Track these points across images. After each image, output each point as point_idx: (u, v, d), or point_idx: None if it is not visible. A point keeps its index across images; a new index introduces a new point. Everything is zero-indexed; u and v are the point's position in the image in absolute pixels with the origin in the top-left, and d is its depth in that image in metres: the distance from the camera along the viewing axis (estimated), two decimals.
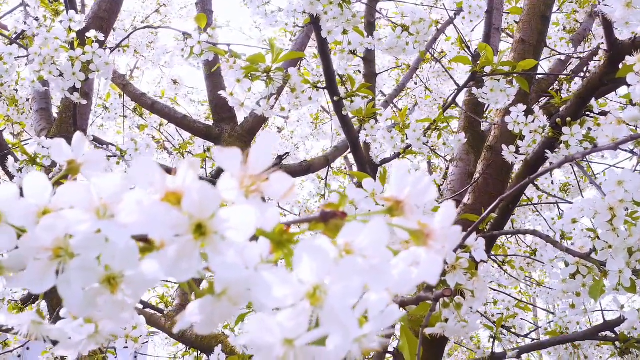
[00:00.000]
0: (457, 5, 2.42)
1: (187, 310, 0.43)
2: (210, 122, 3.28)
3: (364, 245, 0.37)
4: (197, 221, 0.35)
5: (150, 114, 3.87)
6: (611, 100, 2.83)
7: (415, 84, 4.29)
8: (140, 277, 0.40)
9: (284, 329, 0.35)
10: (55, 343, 0.51)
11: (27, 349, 2.75)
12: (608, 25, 1.49)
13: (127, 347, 1.38)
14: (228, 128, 3.16)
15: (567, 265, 1.49)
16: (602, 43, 2.39)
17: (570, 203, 2.21)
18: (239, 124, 3.21)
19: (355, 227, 0.37)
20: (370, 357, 2.90)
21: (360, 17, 1.78)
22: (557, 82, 2.69)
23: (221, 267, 0.35)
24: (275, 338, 0.36)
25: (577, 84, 2.40)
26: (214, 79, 3.24)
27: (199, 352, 3.40)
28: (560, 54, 2.59)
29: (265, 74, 1.51)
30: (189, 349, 3.53)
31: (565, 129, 1.63)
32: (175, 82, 4.53)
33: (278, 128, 4.99)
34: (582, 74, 2.67)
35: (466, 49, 2.62)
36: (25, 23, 2.22)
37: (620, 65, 1.59)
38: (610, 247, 1.32)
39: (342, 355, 0.37)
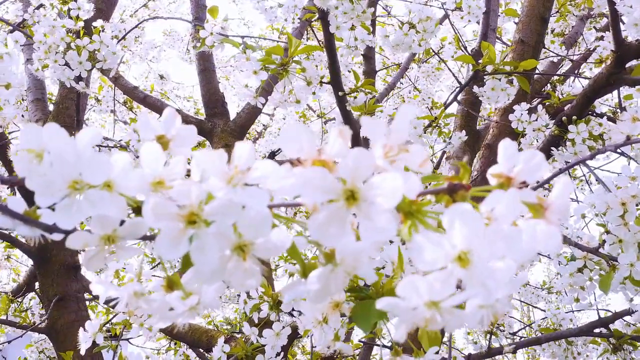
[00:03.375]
0: (457, 5, 2.44)
1: (308, 280, 0.44)
2: (202, 117, 3.27)
3: (502, 214, 0.38)
4: (351, 187, 0.36)
5: (139, 107, 3.85)
6: (601, 103, 2.88)
7: (402, 83, 4.32)
8: (270, 244, 0.41)
9: (433, 291, 0.36)
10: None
11: (8, 342, 2.72)
12: (616, 26, 1.53)
13: (141, 336, 1.38)
14: (220, 123, 3.15)
15: (573, 259, 1.52)
16: (596, 46, 2.44)
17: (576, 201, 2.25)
18: (231, 119, 3.21)
19: (498, 196, 0.38)
20: (358, 350, 2.92)
21: (371, 12, 1.79)
22: (549, 84, 2.73)
23: (373, 232, 0.36)
24: (422, 300, 0.37)
25: (571, 85, 2.44)
26: (207, 74, 3.24)
27: (187, 347, 3.39)
28: (557, 55, 2.63)
29: (282, 67, 1.51)
30: (175, 344, 3.52)
31: (571, 127, 1.66)
32: (162, 77, 4.50)
33: (264, 125, 4.99)
34: (573, 76, 2.71)
35: (463, 49, 2.66)
36: (25, 12, 2.20)
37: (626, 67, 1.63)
38: (620, 241, 1.35)
39: (479, 318, 0.38)
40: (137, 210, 0.47)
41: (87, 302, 2.59)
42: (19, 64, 1.24)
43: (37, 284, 3.01)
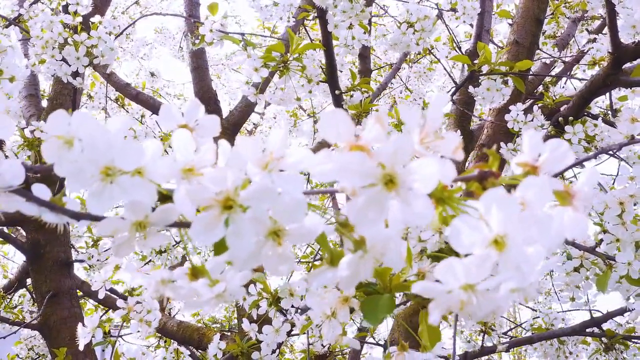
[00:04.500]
0: (452, 6, 2.46)
1: (339, 266, 0.44)
2: None
3: (534, 200, 0.39)
4: (390, 172, 0.37)
5: (130, 104, 3.84)
6: (592, 105, 2.91)
7: (392, 84, 4.33)
8: (304, 230, 0.42)
9: (469, 274, 0.37)
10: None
11: (4, 338, 2.70)
12: (613, 28, 1.54)
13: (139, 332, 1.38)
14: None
15: (570, 258, 1.53)
16: (590, 48, 2.46)
17: None
18: (223, 117, 3.21)
19: (530, 182, 0.39)
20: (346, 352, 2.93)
21: (370, 12, 1.80)
22: (541, 85, 2.75)
23: (412, 217, 0.37)
24: (458, 283, 0.37)
25: (564, 87, 2.46)
26: (200, 72, 3.23)
27: (177, 344, 3.38)
28: (550, 56, 2.65)
29: (283, 64, 1.52)
30: (165, 341, 3.51)
31: (567, 128, 1.68)
32: (152, 74, 4.50)
33: (254, 124, 4.99)
34: (566, 77, 2.73)
35: (457, 49, 2.67)
36: (21, 7, 2.19)
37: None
38: (618, 240, 1.36)
39: (512, 301, 0.39)
40: (163, 198, 0.47)
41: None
42: (22, 58, 1.24)
43: (28, 280, 3.00)
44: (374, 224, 0.38)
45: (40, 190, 0.51)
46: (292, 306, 1.50)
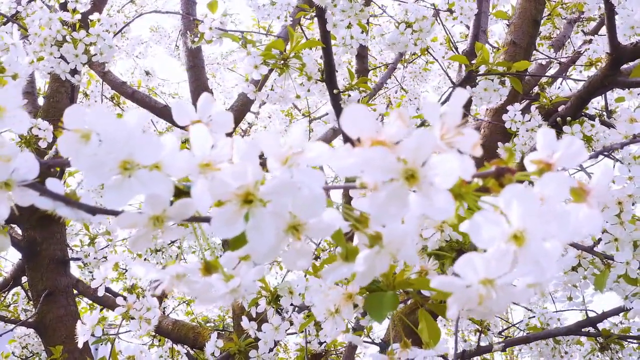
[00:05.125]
0: (449, 6, 2.47)
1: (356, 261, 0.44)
2: None
3: (552, 195, 0.39)
4: (411, 167, 0.37)
5: (124, 102, 3.83)
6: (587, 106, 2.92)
7: (386, 84, 4.34)
8: (323, 224, 0.42)
9: (489, 268, 0.37)
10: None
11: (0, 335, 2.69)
12: (612, 29, 1.55)
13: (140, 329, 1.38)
14: None
15: None
16: (586, 49, 2.47)
17: None
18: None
19: (549, 178, 0.39)
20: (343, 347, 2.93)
21: (369, 12, 1.80)
22: (537, 85, 2.76)
23: (432, 212, 0.37)
24: (478, 277, 0.38)
25: (560, 87, 2.47)
26: (196, 71, 3.23)
27: (172, 343, 3.38)
28: (547, 57, 2.66)
29: (283, 61, 1.52)
30: (159, 340, 3.51)
31: (565, 128, 1.69)
32: (147, 73, 4.48)
33: (249, 123, 4.99)
34: (562, 78, 2.75)
35: (454, 49, 2.68)
36: (19, 4, 2.18)
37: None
38: (616, 240, 1.37)
39: (531, 296, 0.39)
40: (178, 192, 0.47)
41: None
42: (25, 55, 1.23)
43: (23, 278, 2.99)
44: (394, 218, 0.38)
45: (55, 185, 0.51)
46: (291, 304, 1.51)
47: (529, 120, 1.86)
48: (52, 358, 2.09)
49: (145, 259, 3.14)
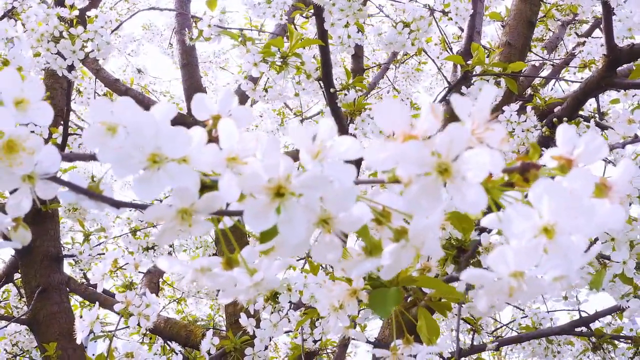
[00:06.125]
0: (444, 7, 2.48)
1: (383, 255, 0.45)
2: (182, 112, 3.26)
3: (580, 190, 0.40)
4: (445, 161, 0.38)
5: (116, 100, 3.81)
6: None
7: (378, 85, 4.35)
8: (352, 218, 0.43)
9: (520, 261, 0.38)
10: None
11: None
12: (609, 31, 1.57)
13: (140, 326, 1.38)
14: None
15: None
16: (580, 50, 2.49)
17: None
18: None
19: (577, 173, 0.40)
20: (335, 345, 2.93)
21: (367, 12, 1.81)
22: (530, 87, 2.78)
23: (465, 206, 0.38)
24: (509, 270, 0.38)
25: (553, 88, 2.49)
26: (189, 69, 3.23)
27: (164, 341, 3.38)
28: (542, 58, 2.68)
29: (282, 59, 1.52)
30: (150, 338, 3.50)
31: None
32: (139, 71, 4.47)
33: None
34: (555, 79, 2.77)
35: (449, 50, 2.69)
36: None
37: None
38: (613, 239, 1.39)
39: (557, 288, 0.40)
40: (201, 187, 0.48)
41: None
42: (29, 49, 1.23)
43: (16, 275, 2.97)
44: (427, 212, 0.39)
45: (77, 178, 0.52)
46: (290, 302, 1.51)
47: (525, 121, 1.88)
48: (45, 355, 2.08)
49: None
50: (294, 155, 0.45)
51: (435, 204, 0.38)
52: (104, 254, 2.69)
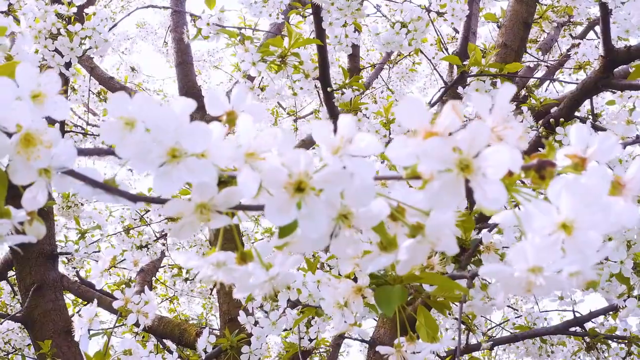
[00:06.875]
0: (441, 7, 2.49)
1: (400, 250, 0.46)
2: None
3: (598, 187, 0.41)
4: (466, 157, 0.38)
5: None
6: None
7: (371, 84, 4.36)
8: (371, 213, 0.43)
9: (539, 257, 0.39)
10: None
11: None
12: (607, 33, 1.58)
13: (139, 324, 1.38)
14: (197, 116, 3.13)
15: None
16: (575, 52, 2.51)
17: None
18: (207, 112, 3.20)
19: (594, 171, 0.41)
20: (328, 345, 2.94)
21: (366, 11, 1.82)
22: (524, 88, 2.80)
23: (485, 202, 0.38)
24: (527, 265, 0.39)
25: (548, 90, 2.50)
26: (184, 67, 3.22)
27: (157, 340, 3.37)
28: (537, 60, 2.70)
29: (280, 59, 1.53)
30: (143, 337, 3.50)
31: (558, 129, 1.71)
32: (133, 69, 4.47)
33: None
34: (550, 80, 2.78)
35: (444, 50, 2.70)
36: None
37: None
38: (610, 239, 1.40)
39: (573, 284, 0.41)
40: (218, 182, 0.48)
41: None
42: (32, 44, 1.23)
43: (9, 272, 2.96)
44: (448, 208, 0.39)
45: (93, 172, 0.52)
46: (289, 299, 1.51)
47: (522, 121, 1.89)
48: (40, 352, 2.08)
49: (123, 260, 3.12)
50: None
51: (456, 200, 0.39)
52: (98, 252, 2.68)
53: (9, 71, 0.52)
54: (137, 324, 2.43)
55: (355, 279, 0.88)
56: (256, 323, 1.64)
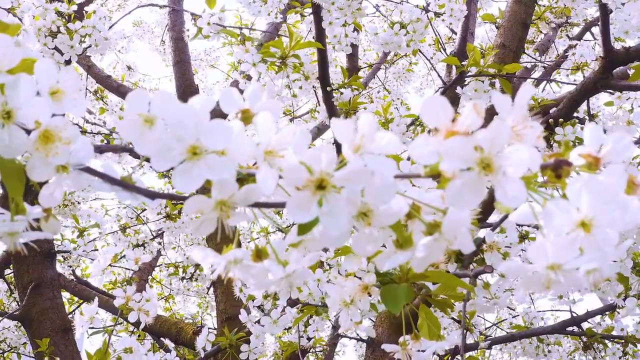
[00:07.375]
0: (439, 7, 2.49)
1: (417, 248, 0.46)
2: None
3: (615, 186, 0.41)
4: (487, 156, 0.39)
5: (107, 97, 3.81)
6: None
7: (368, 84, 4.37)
8: (391, 211, 0.44)
9: (558, 254, 0.39)
10: None
11: None
12: (606, 34, 1.59)
13: (140, 322, 1.38)
14: None
15: None
16: (573, 53, 2.52)
17: None
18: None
19: (612, 170, 0.41)
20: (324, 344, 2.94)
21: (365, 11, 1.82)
22: None
23: (506, 200, 0.39)
24: (547, 262, 0.40)
25: (545, 90, 2.51)
26: (182, 66, 3.23)
27: (154, 338, 3.37)
28: (536, 60, 2.71)
29: (281, 60, 1.53)
30: (139, 336, 3.49)
31: (558, 129, 1.72)
32: (129, 67, 4.46)
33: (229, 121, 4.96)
34: (547, 81, 2.80)
35: (442, 50, 2.71)
36: None
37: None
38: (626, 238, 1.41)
39: (591, 281, 0.41)
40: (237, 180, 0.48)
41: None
42: (36, 42, 1.22)
43: (6, 270, 2.96)
44: (469, 206, 0.40)
45: (110, 169, 0.52)
46: (290, 298, 1.52)
47: None
48: (38, 350, 2.07)
49: (123, 257, 3.12)
50: None
51: (478, 199, 0.39)
52: (96, 250, 2.68)
53: (27, 68, 0.52)
54: (136, 323, 2.44)
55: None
56: (257, 321, 1.65)
